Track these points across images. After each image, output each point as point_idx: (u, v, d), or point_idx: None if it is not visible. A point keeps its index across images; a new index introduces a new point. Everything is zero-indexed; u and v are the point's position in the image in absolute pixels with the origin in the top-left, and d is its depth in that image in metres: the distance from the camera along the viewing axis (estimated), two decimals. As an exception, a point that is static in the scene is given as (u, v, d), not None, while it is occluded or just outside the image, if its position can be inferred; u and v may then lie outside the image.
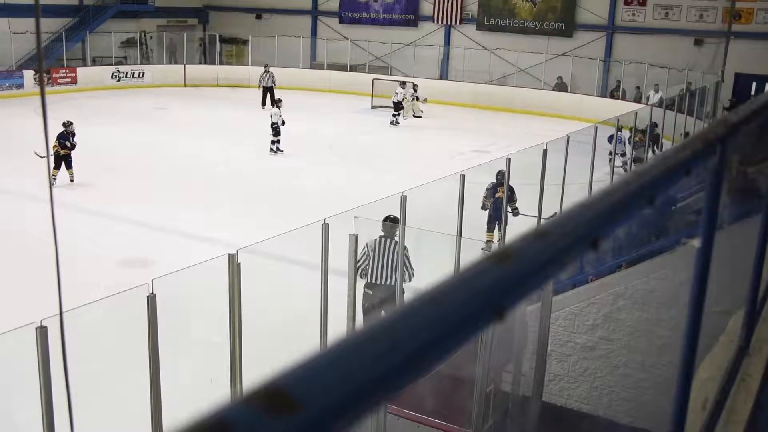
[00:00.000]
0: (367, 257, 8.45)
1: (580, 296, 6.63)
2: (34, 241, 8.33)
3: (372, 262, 8.49)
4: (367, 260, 8.45)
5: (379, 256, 8.49)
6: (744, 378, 2.56)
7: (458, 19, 32.02)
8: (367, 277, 8.49)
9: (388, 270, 8.46)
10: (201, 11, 37.41)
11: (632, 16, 29.07)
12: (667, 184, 1.28)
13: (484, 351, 6.10)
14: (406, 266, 8.33)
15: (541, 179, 11.52)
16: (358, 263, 8.10)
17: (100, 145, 19.02)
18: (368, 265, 8.47)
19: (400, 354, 0.58)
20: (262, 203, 14.40)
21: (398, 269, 8.30)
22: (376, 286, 8.53)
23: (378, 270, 8.49)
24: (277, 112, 18.97)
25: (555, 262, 0.84)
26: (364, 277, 8.46)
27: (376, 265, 8.50)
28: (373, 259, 8.50)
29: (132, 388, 6.80)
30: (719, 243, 1.87)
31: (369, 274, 8.50)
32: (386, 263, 8.46)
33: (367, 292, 8.53)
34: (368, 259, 8.46)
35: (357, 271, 7.98)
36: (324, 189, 15.48)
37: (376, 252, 8.51)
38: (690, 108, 21.36)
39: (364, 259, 8.40)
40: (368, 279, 8.50)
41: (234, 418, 0.48)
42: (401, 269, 8.26)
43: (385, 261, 8.47)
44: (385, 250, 8.49)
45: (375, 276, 8.51)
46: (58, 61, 28.94)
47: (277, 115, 18.74)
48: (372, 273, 8.51)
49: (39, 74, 26.11)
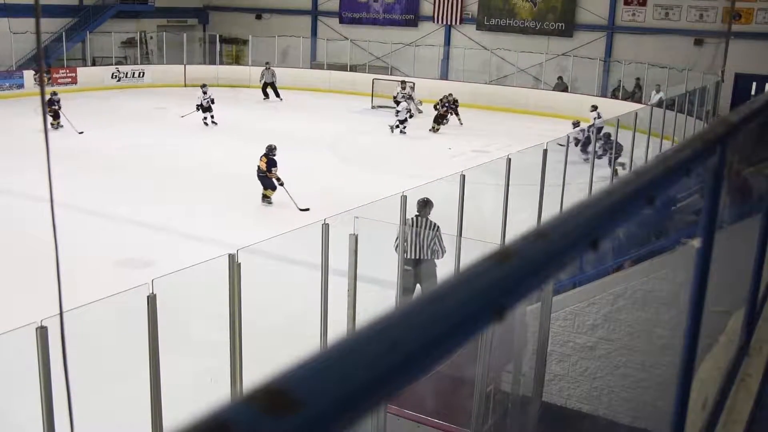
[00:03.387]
0: (405, 236, 9.04)
1: (580, 296, 6.63)
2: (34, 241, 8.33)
3: (409, 240, 9.13)
4: (405, 239, 9.07)
5: (416, 235, 9.19)
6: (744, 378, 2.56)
7: (458, 19, 32.02)
8: (406, 253, 9.06)
9: (424, 247, 9.20)
10: (201, 11, 37.40)
11: (632, 16, 29.07)
12: (667, 184, 1.28)
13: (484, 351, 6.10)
14: (438, 244, 9.19)
15: (541, 179, 11.53)
16: (396, 241, 8.96)
17: (100, 145, 19.03)
18: (405, 242, 9.08)
19: (400, 354, 0.58)
20: (262, 203, 14.40)
21: (432, 247, 9.19)
22: (412, 261, 9.19)
23: (415, 247, 9.21)
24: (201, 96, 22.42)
25: (555, 262, 0.84)
26: (402, 253, 9.01)
27: (412, 243, 9.19)
28: (410, 237, 9.13)
29: (132, 388, 6.80)
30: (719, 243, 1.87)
31: (406, 250, 9.08)
32: (421, 241, 9.20)
33: (406, 269, 9.04)
34: (407, 237, 9.09)
35: (396, 248, 8.91)
36: (324, 189, 15.48)
37: (412, 231, 9.13)
38: (690, 108, 21.35)
39: (401, 236, 9.04)
40: (406, 255, 9.06)
41: (234, 418, 0.48)
42: (434, 246, 9.20)
43: (421, 239, 9.20)
44: (420, 229, 9.21)
45: (412, 252, 9.18)
46: (58, 61, 28.94)
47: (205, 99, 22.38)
48: (409, 250, 9.15)
49: (39, 74, 26.05)
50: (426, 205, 9.39)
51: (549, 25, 30.45)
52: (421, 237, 9.21)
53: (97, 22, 31.52)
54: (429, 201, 9.39)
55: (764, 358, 2.67)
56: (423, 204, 9.39)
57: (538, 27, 30.62)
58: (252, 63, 32.74)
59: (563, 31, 30.13)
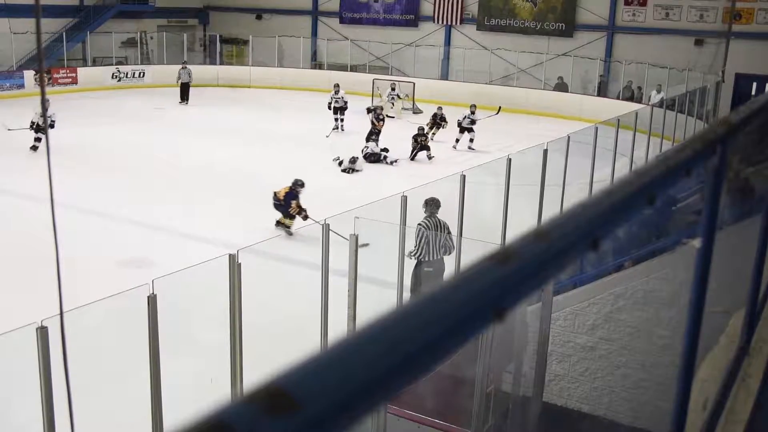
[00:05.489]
0: (424, 237, 9.04)
1: (581, 296, 6.63)
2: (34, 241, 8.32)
3: (427, 243, 9.10)
4: (424, 241, 9.06)
5: (432, 236, 9.15)
6: (744, 378, 2.56)
7: (458, 19, 32.02)
8: (427, 255, 9.06)
9: (438, 247, 9.16)
10: (201, 11, 37.40)
11: (632, 17, 29.07)
12: (668, 184, 1.28)
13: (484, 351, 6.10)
14: (450, 241, 9.22)
15: (542, 180, 11.53)
16: (415, 250, 8.98)
17: (100, 145, 19.03)
18: (425, 245, 9.09)
19: (401, 354, 0.58)
20: (262, 203, 14.39)
21: (444, 246, 9.18)
22: (428, 263, 9.14)
23: (433, 248, 9.16)
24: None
25: (555, 262, 0.84)
26: (417, 258, 9.04)
27: (431, 245, 9.14)
28: (427, 239, 9.09)
29: (132, 388, 6.80)
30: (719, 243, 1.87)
31: (428, 252, 9.07)
32: (434, 241, 9.16)
33: (427, 270, 9.05)
34: (425, 240, 9.06)
35: (411, 255, 8.92)
36: (324, 189, 15.48)
37: (431, 233, 9.10)
38: (690, 108, 21.35)
39: (421, 243, 9.05)
40: (428, 258, 9.06)
41: (234, 419, 0.48)
42: (447, 245, 9.19)
43: (434, 239, 9.16)
44: (434, 229, 9.20)
45: (432, 254, 9.12)
46: (58, 62, 28.94)
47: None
48: (429, 252, 9.11)
49: (39, 74, 26.06)
50: (435, 204, 9.40)
51: (549, 26, 30.45)
52: (436, 237, 9.23)
53: (97, 22, 31.53)
54: (436, 200, 9.40)
55: (765, 359, 2.67)
56: (432, 204, 9.40)
57: (538, 27, 30.63)
58: (252, 63, 32.74)
59: (563, 32, 30.14)
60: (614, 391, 6.36)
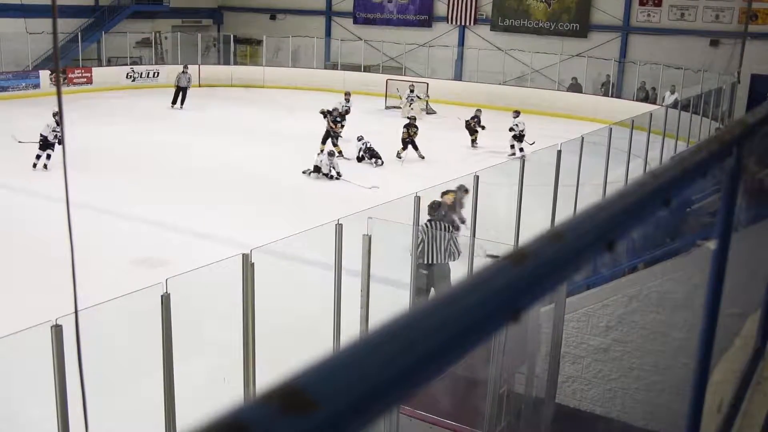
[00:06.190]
0: (421, 241, 8.94)
1: (594, 298, 6.60)
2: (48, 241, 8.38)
3: (425, 245, 9.03)
4: (421, 244, 8.97)
5: (433, 239, 9.08)
6: (760, 381, 2.54)
7: (472, 19, 31.98)
8: (424, 258, 8.98)
9: (441, 250, 9.11)
10: (215, 12, 37.55)
11: (647, 17, 28.94)
12: (684, 186, 1.27)
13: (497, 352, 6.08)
14: (454, 246, 9.14)
15: (555, 180, 11.49)
16: (420, 246, 8.86)
17: (114, 145, 19.12)
18: (422, 246, 9.00)
19: (416, 355, 0.58)
20: (275, 203, 14.43)
21: (449, 249, 9.13)
22: (425, 265, 9.08)
23: (432, 250, 9.11)
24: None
25: (571, 263, 0.84)
26: (416, 257, 8.91)
27: (428, 247, 9.08)
28: (426, 242, 9.03)
29: (146, 387, 6.83)
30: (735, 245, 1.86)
31: (424, 255, 9.00)
32: (438, 244, 9.12)
33: (421, 272, 8.95)
34: (422, 243, 8.98)
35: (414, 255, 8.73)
36: (337, 189, 15.50)
37: (428, 235, 9.02)
38: (705, 109, 21.23)
39: (419, 243, 8.96)
40: (423, 260, 8.99)
41: (250, 418, 0.48)
42: (450, 249, 9.14)
43: (437, 242, 9.11)
44: (436, 231, 9.15)
45: (428, 256, 9.05)
46: (73, 61, 29.11)
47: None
48: (426, 254, 9.04)
49: (55, 74, 26.21)
50: (438, 207, 9.43)
51: (563, 26, 30.37)
52: (437, 240, 9.19)
53: (112, 23, 31.71)
54: (441, 203, 9.45)
55: (780, 361, 2.65)
56: (437, 207, 9.44)
57: (552, 28, 30.54)
58: (266, 63, 32.83)
59: (578, 32, 30.04)
60: (628, 393, 6.33)
